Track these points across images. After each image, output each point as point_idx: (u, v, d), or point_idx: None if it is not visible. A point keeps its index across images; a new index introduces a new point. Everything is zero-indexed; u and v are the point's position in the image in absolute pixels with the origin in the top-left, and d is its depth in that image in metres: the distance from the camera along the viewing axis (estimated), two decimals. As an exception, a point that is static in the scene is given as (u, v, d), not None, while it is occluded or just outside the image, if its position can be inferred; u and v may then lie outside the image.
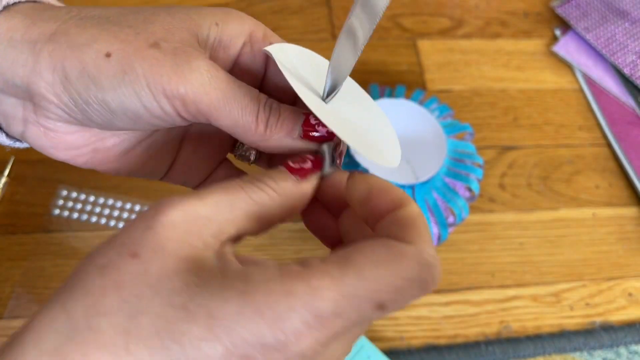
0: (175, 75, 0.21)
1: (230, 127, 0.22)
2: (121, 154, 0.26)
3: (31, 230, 0.41)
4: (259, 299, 0.16)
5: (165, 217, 0.18)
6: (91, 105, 0.22)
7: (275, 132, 0.22)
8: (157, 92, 0.21)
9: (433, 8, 0.61)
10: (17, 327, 0.39)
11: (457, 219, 0.42)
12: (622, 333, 0.43)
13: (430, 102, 0.46)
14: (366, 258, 0.17)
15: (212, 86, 0.21)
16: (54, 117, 0.23)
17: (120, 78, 0.21)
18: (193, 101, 0.21)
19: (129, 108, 0.21)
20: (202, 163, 0.27)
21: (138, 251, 0.17)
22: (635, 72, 0.57)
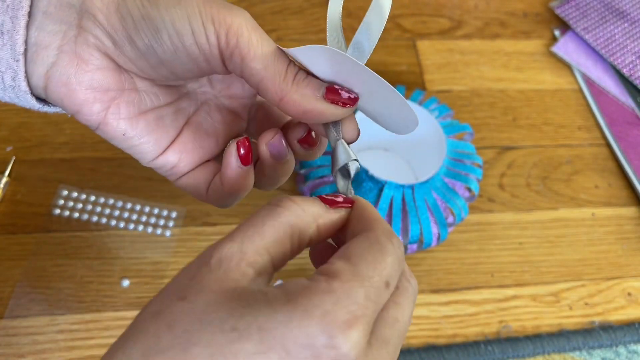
0: (225, 9, 0.23)
1: (261, 69, 0.24)
2: (134, 113, 0.26)
3: (32, 230, 0.42)
4: (304, 302, 0.17)
5: (204, 264, 0.20)
6: (140, 23, 0.23)
7: (302, 85, 0.24)
8: (207, 18, 0.23)
9: (433, 9, 0.61)
10: (18, 326, 0.39)
11: (456, 218, 0.42)
12: (621, 333, 0.43)
13: (430, 102, 0.46)
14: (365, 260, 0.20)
15: (254, 27, 0.24)
16: (94, 44, 0.24)
17: (177, 1, 0.23)
18: (235, 33, 0.23)
19: (176, 28, 0.23)
20: (196, 151, 0.28)
21: (185, 294, 0.19)
22: (634, 73, 0.57)
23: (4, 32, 0.23)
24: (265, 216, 0.21)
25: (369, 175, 0.40)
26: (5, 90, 0.25)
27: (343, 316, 0.17)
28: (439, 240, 0.41)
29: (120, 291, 0.40)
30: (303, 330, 0.17)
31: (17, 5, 0.23)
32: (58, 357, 0.37)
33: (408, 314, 0.21)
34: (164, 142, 0.28)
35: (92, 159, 0.45)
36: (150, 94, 0.27)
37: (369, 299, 0.18)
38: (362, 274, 0.19)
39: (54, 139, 0.46)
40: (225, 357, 0.16)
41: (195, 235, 0.43)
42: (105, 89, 0.25)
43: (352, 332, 0.17)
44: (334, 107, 0.24)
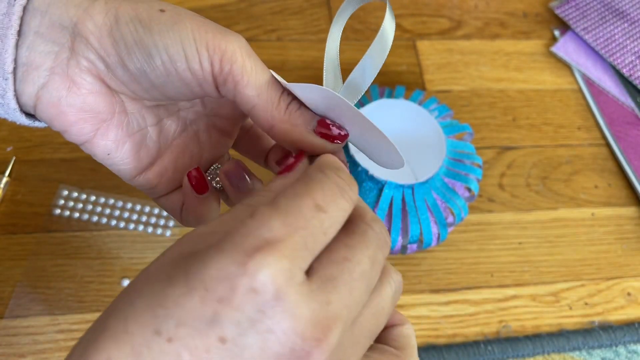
0: (219, 34, 0.23)
1: (254, 97, 0.24)
2: (122, 135, 0.27)
3: (32, 230, 0.42)
4: (220, 242, 0.17)
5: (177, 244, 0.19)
6: (132, 48, 0.23)
7: (294, 117, 0.24)
8: (201, 44, 0.23)
9: (432, 9, 0.61)
10: (18, 326, 0.39)
11: (456, 218, 0.42)
12: (620, 332, 0.43)
13: (430, 102, 0.46)
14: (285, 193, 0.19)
15: (249, 53, 0.24)
16: (85, 68, 0.24)
17: (170, 26, 0.23)
18: (229, 59, 0.23)
19: (169, 54, 0.23)
20: (176, 175, 0.29)
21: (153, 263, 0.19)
22: (634, 73, 0.57)
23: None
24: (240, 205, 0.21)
25: (369, 175, 0.40)
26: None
27: (252, 242, 0.17)
28: (439, 240, 0.41)
29: (121, 291, 0.40)
30: (216, 264, 0.17)
31: (7, 24, 0.22)
32: (58, 357, 0.37)
33: (364, 254, 0.19)
34: (145, 162, 0.28)
35: (92, 159, 0.45)
36: (139, 116, 0.27)
37: (288, 226, 0.17)
38: (278, 205, 0.18)
39: (54, 139, 0.46)
40: (160, 303, 0.17)
41: (195, 235, 0.43)
42: (96, 112, 0.25)
43: (264, 256, 0.16)
44: (323, 142, 0.24)
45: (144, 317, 0.17)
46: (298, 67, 0.54)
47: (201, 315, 0.16)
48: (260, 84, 0.24)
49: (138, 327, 0.17)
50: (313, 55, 0.54)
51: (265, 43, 0.55)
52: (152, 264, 0.19)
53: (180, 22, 0.23)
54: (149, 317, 0.17)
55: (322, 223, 0.18)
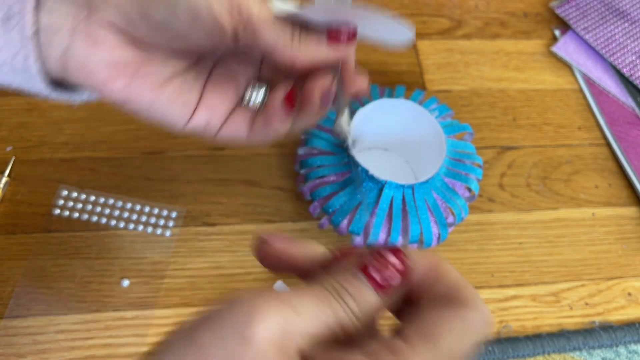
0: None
1: (271, 41, 0.26)
2: (157, 83, 0.27)
3: (32, 230, 0.42)
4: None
5: (263, 329, 0.16)
6: (154, 1, 0.24)
7: (306, 44, 0.26)
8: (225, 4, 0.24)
9: (433, 8, 0.61)
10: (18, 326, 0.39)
11: (456, 218, 0.42)
12: (621, 333, 0.43)
13: (430, 102, 0.46)
14: (446, 332, 0.18)
15: (262, 6, 0.25)
16: (107, 24, 0.24)
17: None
18: (247, 8, 0.24)
19: (191, 5, 0.24)
20: (222, 104, 0.30)
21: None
22: (634, 73, 0.57)
23: (13, 15, 0.23)
24: (327, 306, 0.18)
25: (369, 175, 0.40)
26: (16, 74, 0.24)
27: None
28: (439, 240, 0.41)
29: (121, 291, 0.40)
30: None
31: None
32: (58, 357, 0.37)
33: (464, 342, 0.18)
34: (191, 105, 0.28)
35: (92, 159, 0.45)
36: (170, 61, 0.28)
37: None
38: (440, 348, 0.17)
39: (54, 139, 0.46)
40: None
41: (195, 235, 0.43)
42: (123, 65, 0.25)
43: None
44: (339, 48, 0.27)
45: None
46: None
47: None
48: (276, 30, 0.25)
49: None
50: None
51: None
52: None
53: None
54: None
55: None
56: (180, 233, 0.43)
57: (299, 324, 0.17)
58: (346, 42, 0.27)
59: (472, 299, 0.19)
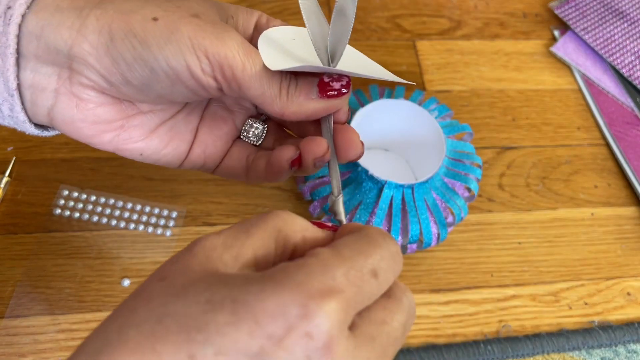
0: (218, 40, 0.23)
1: (258, 96, 0.25)
2: (146, 132, 0.27)
3: (32, 230, 0.42)
4: (278, 276, 0.17)
5: (188, 251, 0.19)
6: (133, 66, 0.23)
7: (295, 96, 0.25)
8: (201, 52, 0.23)
9: (432, 9, 0.61)
10: (18, 326, 0.39)
11: (456, 218, 0.42)
12: (620, 332, 0.43)
13: (430, 102, 0.46)
14: (349, 246, 0.19)
15: (246, 51, 0.24)
16: (89, 85, 0.24)
17: (167, 37, 0.23)
18: (230, 65, 0.23)
19: (172, 67, 0.23)
20: (217, 142, 0.29)
21: (165, 275, 0.19)
22: (633, 73, 0.57)
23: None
24: (254, 220, 0.21)
25: (369, 175, 0.40)
26: (4, 119, 0.25)
27: (317, 285, 0.17)
28: (439, 240, 0.42)
29: (121, 291, 0.40)
30: (274, 300, 0.16)
31: (5, 43, 0.22)
32: (59, 356, 0.37)
33: (399, 320, 0.20)
34: (184, 147, 0.28)
35: (92, 159, 0.46)
36: (157, 110, 0.27)
37: (349, 280, 0.18)
38: (342, 255, 0.18)
39: (55, 139, 0.46)
40: (198, 327, 0.16)
41: (196, 235, 0.43)
42: (110, 120, 0.25)
43: (327, 303, 0.16)
44: (330, 101, 0.25)
45: (177, 338, 0.16)
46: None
47: (245, 347, 0.16)
48: (262, 82, 0.24)
49: (169, 348, 0.16)
50: (313, 56, 0.54)
51: (265, 43, 0.55)
52: (175, 275, 0.18)
53: (176, 30, 0.23)
54: (182, 339, 0.16)
55: (372, 287, 0.19)
56: (181, 233, 0.43)
57: (218, 238, 0.19)
58: (337, 96, 0.25)
59: (363, 227, 0.21)
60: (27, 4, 0.22)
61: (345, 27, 0.25)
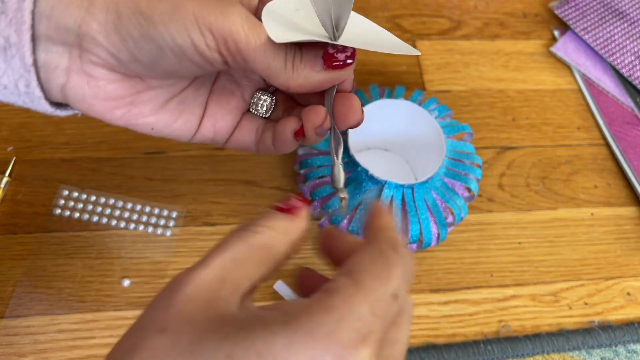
0: (222, 15, 0.23)
1: (264, 69, 0.25)
2: (156, 107, 0.27)
3: (32, 230, 0.42)
4: (305, 323, 0.16)
5: (182, 293, 0.18)
6: (140, 43, 0.23)
7: (301, 68, 0.25)
8: (205, 28, 0.23)
9: (432, 9, 0.61)
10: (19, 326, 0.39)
11: (456, 218, 0.42)
12: (620, 332, 0.43)
13: (430, 102, 0.46)
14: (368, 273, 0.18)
15: (250, 25, 0.24)
16: (99, 62, 0.24)
17: (172, 14, 0.23)
18: (235, 40, 0.23)
19: (177, 43, 0.23)
20: (227, 116, 0.29)
21: (165, 326, 0.17)
22: (633, 73, 0.57)
23: (12, 45, 0.23)
24: (236, 242, 0.20)
25: (369, 175, 0.40)
26: (20, 96, 0.25)
27: (349, 335, 0.16)
28: (439, 240, 0.42)
29: (121, 291, 0.40)
30: (306, 353, 0.15)
31: (20, 19, 0.23)
32: (59, 356, 0.37)
33: (407, 334, 0.20)
34: (194, 121, 0.28)
35: (92, 159, 0.46)
36: (166, 85, 0.28)
37: (376, 314, 0.17)
38: (365, 287, 0.18)
39: (55, 139, 0.46)
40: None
41: (196, 235, 0.43)
42: (120, 97, 0.26)
43: (360, 351, 0.16)
44: (335, 73, 0.25)
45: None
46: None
47: None
48: (267, 59, 0.24)
49: None
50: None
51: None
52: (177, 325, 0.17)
53: (180, 6, 0.23)
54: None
55: (394, 310, 0.18)
56: (181, 233, 0.43)
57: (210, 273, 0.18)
58: (342, 67, 0.25)
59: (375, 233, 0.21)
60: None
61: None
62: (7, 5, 0.22)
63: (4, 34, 0.23)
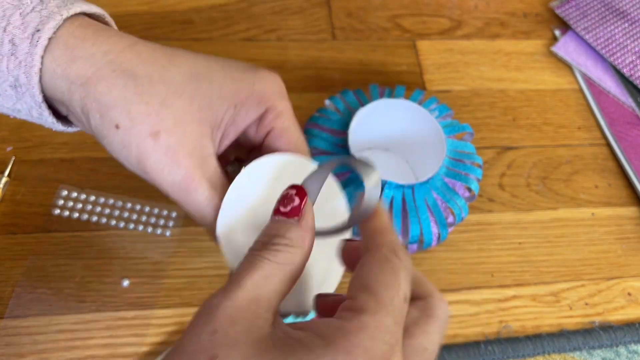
0: (155, 171, 0.25)
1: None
2: None
3: (32, 230, 0.42)
4: (343, 343, 0.18)
5: (223, 316, 0.19)
6: (102, 142, 0.26)
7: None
8: (141, 171, 0.25)
9: (432, 9, 0.61)
10: (18, 326, 0.39)
11: (456, 218, 0.42)
12: (621, 333, 0.43)
13: (430, 102, 0.46)
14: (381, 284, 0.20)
15: (180, 193, 0.25)
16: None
17: (120, 149, 0.25)
18: (165, 191, 0.25)
19: (121, 162, 0.25)
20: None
21: (215, 353, 0.18)
22: (634, 73, 0.57)
23: (22, 85, 0.24)
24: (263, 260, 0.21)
25: (369, 175, 0.40)
26: (34, 119, 0.27)
27: (382, 348, 0.18)
28: (439, 240, 0.41)
29: (121, 291, 0.40)
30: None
31: (30, 63, 0.24)
32: (58, 356, 0.37)
33: (437, 341, 0.21)
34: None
35: (92, 159, 0.45)
36: None
37: (397, 323, 0.20)
38: (384, 301, 0.20)
39: (54, 139, 0.46)
40: None
41: (196, 235, 0.43)
42: None
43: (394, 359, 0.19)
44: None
45: None
46: (298, 67, 0.54)
47: None
48: (191, 214, 0.25)
49: None
50: (313, 55, 0.54)
51: (265, 43, 0.55)
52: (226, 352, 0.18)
53: (126, 147, 0.24)
54: None
55: (405, 309, 0.20)
56: (180, 233, 0.43)
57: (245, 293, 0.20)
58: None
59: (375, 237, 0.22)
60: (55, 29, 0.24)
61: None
62: (18, 48, 0.23)
63: (13, 74, 0.24)
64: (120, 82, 0.24)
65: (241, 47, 0.54)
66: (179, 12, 0.56)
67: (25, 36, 0.23)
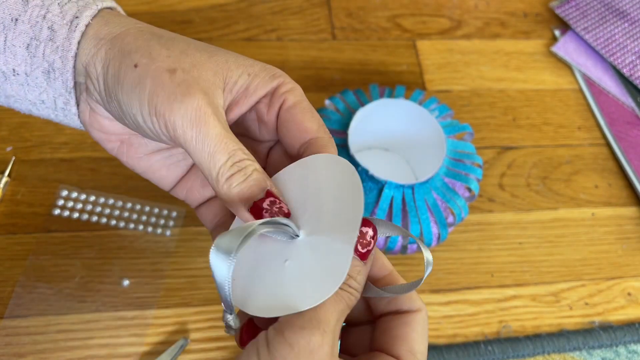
0: (167, 101, 0.24)
1: (197, 164, 0.24)
2: (142, 155, 0.29)
3: (32, 230, 0.42)
4: None
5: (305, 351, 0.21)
6: (112, 99, 0.25)
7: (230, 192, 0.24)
8: (152, 109, 0.24)
9: (433, 9, 0.61)
10: (18, 326, 0.39)
11: (456, 218, 0.42)
12: (621, 332, 0.43)
13: (430, 102, 0.46)
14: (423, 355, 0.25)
15: (193, 124, 0.24)
16: (95, 100, 0.27)
17: (134, 87, 0.24)
18: (173, 128, 0.24)
19: (133, 113, 0.25)
20: (203, 189, 0.30)
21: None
22: (634, 73, 0.57)
23: (55, 70, 0.26)
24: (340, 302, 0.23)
25: (369, 175, 0.40)
26: (55, 111, 0.28)
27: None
28: (439, 240, 0.41)
29: (121, 291, 0.40)
30: None
31: (67, 48, 0.25)
32: (58, 357, 0.37)
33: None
34: (171, 180, 0.29)
35: (92, 159, 0.45)
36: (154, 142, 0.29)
37: None
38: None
39: (54, 139, 0.46)
40: None
41: (196, 235, 0.43)
42: (113, 133, 0.28)
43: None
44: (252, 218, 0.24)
45: None
46: (298, 67, 0.54)
47: None
48: (201, 157, 0.24)
49: None
50: (313, 55, 0.54)
51: (265, 43, 0.55)
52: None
53: (142, 83, 0.24)
54: None
55: None
56: (180, 233, 0.43)
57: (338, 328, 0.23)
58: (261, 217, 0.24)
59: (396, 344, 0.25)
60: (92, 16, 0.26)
61: None
62: (56, 33, 0.25)
63: (49, 59, 0.26)
64: (146, 36, 0.25)
65: (241, 47, 0.54)
66: (179, 12, 0.56)
67: (64, 22, 0.25)
